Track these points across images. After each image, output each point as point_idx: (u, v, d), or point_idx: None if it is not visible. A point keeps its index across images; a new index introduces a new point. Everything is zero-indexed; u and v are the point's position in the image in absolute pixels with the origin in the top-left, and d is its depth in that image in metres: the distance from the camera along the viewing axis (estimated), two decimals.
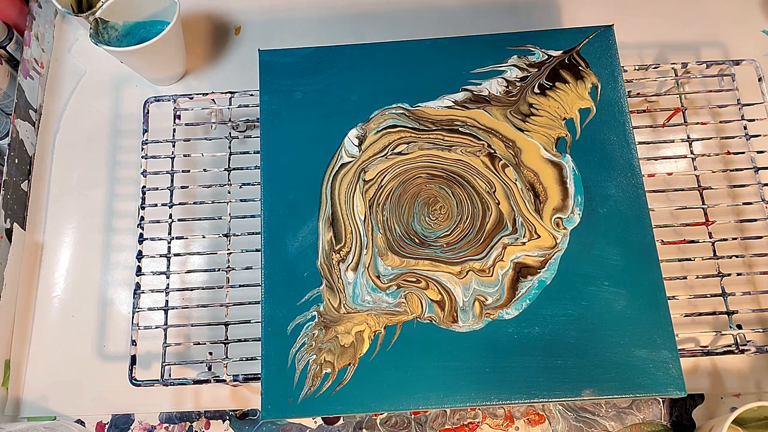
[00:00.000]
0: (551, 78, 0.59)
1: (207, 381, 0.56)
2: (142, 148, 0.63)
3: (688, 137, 0.63)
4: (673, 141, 0.63)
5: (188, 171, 0.63)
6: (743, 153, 0.62)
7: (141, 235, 0.60)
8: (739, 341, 0.56)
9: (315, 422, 0.60)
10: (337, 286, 0.53)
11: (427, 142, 0.57)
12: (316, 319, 0.52)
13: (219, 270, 0.60)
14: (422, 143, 0.57)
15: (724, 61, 0.64)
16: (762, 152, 0.62)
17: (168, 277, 0.59)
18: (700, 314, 0.57)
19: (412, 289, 0.53)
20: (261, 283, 0.54)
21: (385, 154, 0.57)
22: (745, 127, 0.63)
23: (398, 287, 0.53)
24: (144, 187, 0.62)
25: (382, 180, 0.56)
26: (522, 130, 0.57)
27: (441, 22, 0.72)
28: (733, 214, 0.63)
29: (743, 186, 0.62)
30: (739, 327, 0.59)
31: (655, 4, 0.72)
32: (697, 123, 0.64)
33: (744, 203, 0.61)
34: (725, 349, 0.56)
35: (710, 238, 0.59)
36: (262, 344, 0.52)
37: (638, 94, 0.66)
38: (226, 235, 0.60)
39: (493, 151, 0.57)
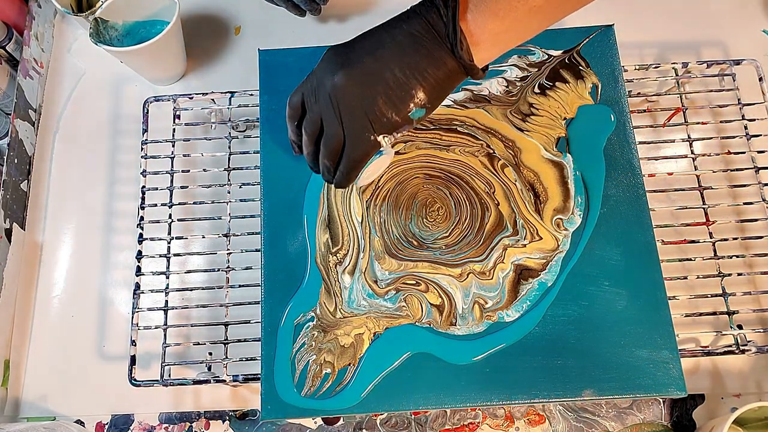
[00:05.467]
0: (551, 78, 0.59)
1: (207, 381, 0.56)
2: (142, 148, 0.63)
3: (689, 137, 0.63)
4: (673, 141, 0.63)
5: (188, 171, 0.63)
6: (744, 153, 0.62)
7: (141, 235, 0.60)
8: (739, 341, 0.56)
9: (315, 422, 0.60)
10: (334, 289, 0.53)
11: (424, 142, 0.57)
12: (315, 321, 0.52)
13: (219, 270, 0.60)
14: (419, 142, 0.57)
15: (724, 61, 0.64)
16: (762, 152, 0.62)
17: (168, 277, 0.59)
18: (701, 314, 0.57)
19: (411, 292, 0.53)
20: (261, 283, 0.54)
21: None
22: (745, 127, 0.63)
23: (397, 291, 0.53)
24: (144, 187, 0.62)
25: (378, 180, 0.56)
26: (522, 130, 0.57)
27: None
28: (734, 214, 0.63)
29: (744, 186, 0.62)
30: (740, 327, 0.59)
31: (656, 3, 0.72)
32: (698, 123, 0.64)
33: (744, 203, 0.61)
34: (726, 349, 0.56)
35: (711, 238, 0.59)
36: (262, 344, 0.52)
37: (639, 93, 0.66)
38: (225, 235, 0.60)
39: (492, 151, 0.57)
